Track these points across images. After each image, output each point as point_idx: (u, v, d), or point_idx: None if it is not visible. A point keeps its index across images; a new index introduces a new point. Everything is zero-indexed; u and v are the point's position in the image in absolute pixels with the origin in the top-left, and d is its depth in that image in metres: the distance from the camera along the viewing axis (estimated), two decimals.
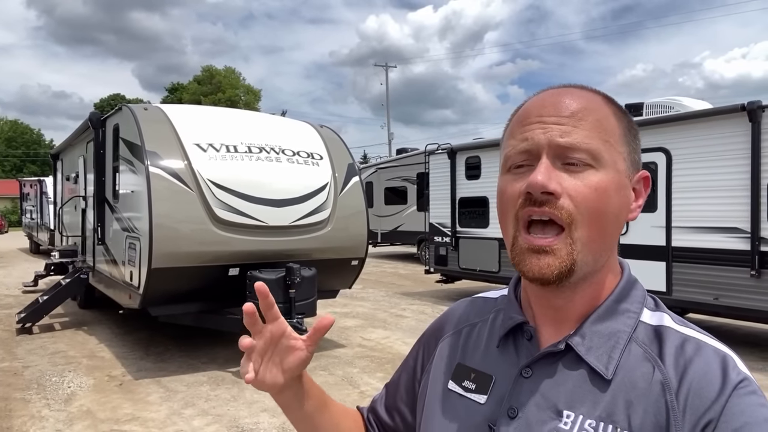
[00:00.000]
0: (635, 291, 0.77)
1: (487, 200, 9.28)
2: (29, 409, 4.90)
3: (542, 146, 0.71)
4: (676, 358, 0.69)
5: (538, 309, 0.79)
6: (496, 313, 0.86)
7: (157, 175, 5.64)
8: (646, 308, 0.75)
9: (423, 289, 11.65)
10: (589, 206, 0.69)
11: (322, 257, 6.45)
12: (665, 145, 6.61)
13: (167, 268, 5.56)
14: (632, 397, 0.68)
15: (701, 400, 0.65)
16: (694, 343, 0.70)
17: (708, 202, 6.28)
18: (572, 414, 0.70)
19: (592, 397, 0.70)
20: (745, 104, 5.86)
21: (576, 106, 0.72)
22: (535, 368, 0.75)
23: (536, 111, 0.73)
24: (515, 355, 0.78)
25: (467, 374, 0.82)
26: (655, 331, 0.73)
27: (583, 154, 0.69)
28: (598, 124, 0.71)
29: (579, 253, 0.69)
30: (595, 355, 0.71)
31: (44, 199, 18.16)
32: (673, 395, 0.66)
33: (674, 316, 0.75)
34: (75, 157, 9.63)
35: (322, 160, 6.80)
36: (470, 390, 0.80)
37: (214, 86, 47.78)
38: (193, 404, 4.99)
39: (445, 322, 0.93)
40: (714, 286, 6.24)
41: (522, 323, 0.79)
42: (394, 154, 20.95)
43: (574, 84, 0.77)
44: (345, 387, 5.46)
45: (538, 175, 0.69)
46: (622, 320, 0.73)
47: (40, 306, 7.89)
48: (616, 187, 0.71)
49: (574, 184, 0.69)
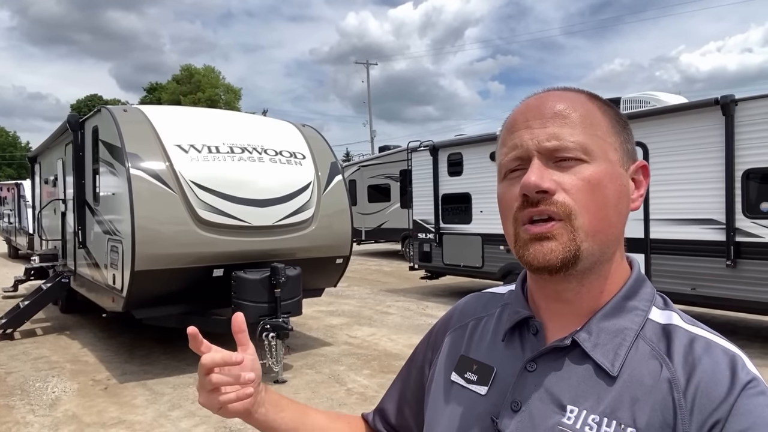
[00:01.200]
0: (644, 289, 0.77)
1: (470, 196, 9.35)
2: (14, 415, 4.86)
3: (531, 150, 0.72)
4: (684, 357, 0.68)
5: (544, 303, 0.79)
6: (503, 307, 0.87)
7: (138, 176, 5.60)
8: (655, 306, 0.76)
9: (408, 286, 11.71)
10: (585, 197, 0.70)
11: (306, 256, 6.47)
12: (642, 139, 6.73)
13: (150, 270, 5.53)
14: (638, 394, 0.68)
15: (709, 399, 0.64)
16: (703, 341, 0.70)
17: (684, 195, 6.42)
18: (576, 409, 0.70)
19: (596, 393, 0.70)
20: (719, 98, 6.00)
21: (559, 106, 0.73)
22: (540, 362, 0.75)
23: (522, 117, 0.75)
24: (520, 349, 0.79)
25: (470, 366, 0.83)
26: (664, 330, 0.72)
27: (572, 150, 0.71)
28: (583, 119, 0.73)
29: (583, 241, 0.70)
30: (601, 351, 0.71)
31: (22, 203, 17.86)
32: (680, 393, 0.66)
33: (683, 315, 0.75)
34: (53, 160, 9.50)
35: (305, 159, 6.81)
36: (472, 381, 0.81)
37: (193, 85, 47.26)
38: (180, 406, 4.98)
39: (453, 316, 0.95)
40: (691, 276, 6.39)
41: (528, 318, 0.80)
42: (377, 152, 21.01)
43: (557, 87, 0.79)
44: (332, 385, 5.49)
45: (531, 176, 0.70)
46: (630, 317, 0.73)
47: (21, 311, 7.78)
48: (610, 177, 0.72)
49: (567, 178, 0.70)
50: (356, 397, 5.13)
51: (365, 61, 41.52)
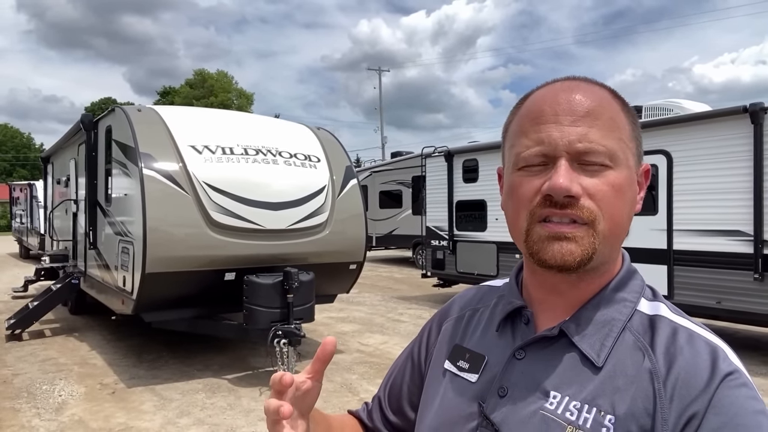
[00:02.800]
0: (634, 281, 0.77)
1: (485, 203, 9.19)
2: (19, 418, 4.74)
3: (560, 150, 0.70)
4: (666, 347, 0.69)
5: (539, 295, 0.80)
6: (499, 298, 0.88)
7: (151, 177, 5.50)
8: (643, 298, 0.76)
9: (419, 294, 11.54)
10: (609, 203, 0.70)
11: (319, 261, 6.33)
12: (666, 147, 6.56)
13: (162, 273, 5.42)
14: (620, 384, 0.68)
15: (688, 389, 0.65)
16: (686, 333, 0.70)
17: (710, 205, 6.23)
18: (558, 395, 0.71)
19: (580, 381, 0.70)
20: (748, 106, 5.82)
21: (589, 104, 0.71)
22: (528, 351, 0.76)
23: (550, 109, 0.72)
24: (511, 338, 0.80)
25: (462, 354, 0.84)
26: (650, 321, 0.73)
27: (601, 156, 0.70)
28: (612, 122, 0.72)
29: (600, 244, 0.70)
30: (588, 342, 0.72)
31: (34, 204, 17.90)
32: (661, 383, 0.66)
33: (671, 307, 0.75)
34: (66, 160, 9.46)
35: (320, 162, 6.69)
36: (463, 369, 0.82)
37: (206, 90, 47.57)
38: (188, 413, 4.85)
39: (451, 307, 0.95)
40: (716, 289, 6.18)
41: (521, 308, 0.81)
42: (388, 158, 20.89)
43: (580, 77, 0.76)
44: (344, 394, 5.33)
45: (560, 178, 0.68)
46: (618, 308, 0.74)
47: (30, 312, 7.71)
48: (629, 183, 0.73)
49: (593, 183, 0.69)
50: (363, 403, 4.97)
51: (377, 68, 41.58)
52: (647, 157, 6.40)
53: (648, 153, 6.47)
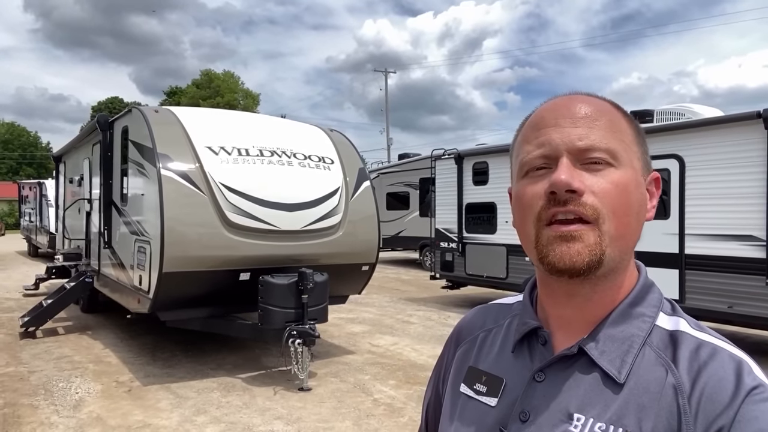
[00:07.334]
0: (651, 294, 0.76)
1: (495, 206, 9.22)
2: (38, 415, 4.81)
3: (560, 149, 0.71)
4: (690, 362, 0.68)
5: (553, 312, 0.79)
6: (512, 318, 0.86)
7: (168, 177, 5.56)
8: (662, 312, 0.75)
9: (427, 295, 11.57)
10: (613, 201, 0.69)
11: (332, 262, 6.37)
12: (678, 151, 6.58)
13: (178, 273, 5.48)
14: (644, 401, 0.67)
15: (713, 404, 0.64)
16: (709, 347, 0.69)
17: (722, 209, 6.24)
18: (582, 417, 0.69)
19: (603, 401, 0.69)
20: (761, 111, 5.84)
21: (589, 109, 0.73)
22: (548, 372, 0.75)
23: (550, 115, 0.74)
24: (529, 359, 0.78)
25: (479, 377, 0.82)
26: (671, 336, 0.72)
27: (602, 153, 0.70)
28: (612, 124, 0.73)
29: (607, 246, 0.69)
30: (608, 359, 0.71)
31: (44, 202, 18.01)
32: (685, 399, 0.65)
33: (691, 321, 0.74)
34: (79, 160, 9.54)
35: (333, 164, 6.74)
36: (481, 393, 0.80)
37: (212, 90, 47.74)
38: (204, 411, 4.90)
39: (462, 330, 0.94)
40: (728, 294, 6.19)
41: (537, 328, 0.79)
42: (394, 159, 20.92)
43: (582, 92, 0.78)
44: (358, 394, 5.38)
45: (561, 174, 0.69)
46: (637, 324, 0.73)
47: (44, 310, 7.79)
48: (635, 184, 0.72)
49: (596, 181, 0.70)
50: (383, 408, 5.01)
51: (384, 69, 41.60)
52: (659, 161, 6.47)
53: (660, 157, 6.50)
